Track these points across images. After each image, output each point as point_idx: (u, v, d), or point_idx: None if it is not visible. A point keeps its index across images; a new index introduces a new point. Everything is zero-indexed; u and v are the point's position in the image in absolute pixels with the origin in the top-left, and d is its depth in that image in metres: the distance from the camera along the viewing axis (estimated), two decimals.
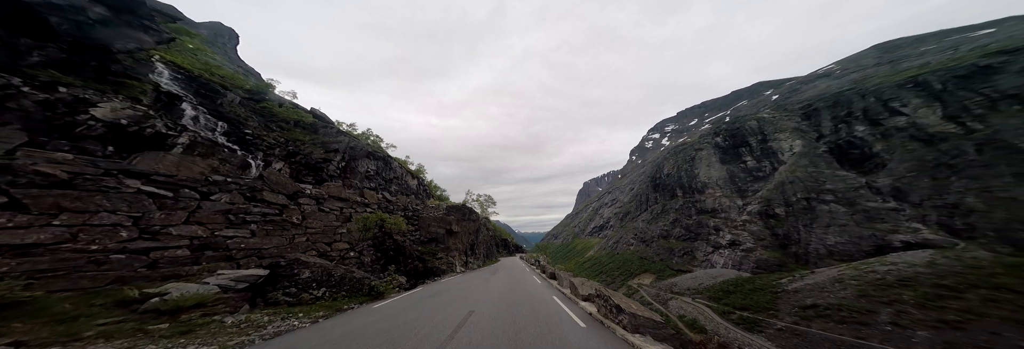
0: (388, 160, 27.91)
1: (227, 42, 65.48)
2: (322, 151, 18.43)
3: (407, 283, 14.43)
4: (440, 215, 23.83)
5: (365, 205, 16.38)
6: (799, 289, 41.92)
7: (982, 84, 48.85)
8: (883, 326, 31.69)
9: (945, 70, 54.75)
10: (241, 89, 17.50)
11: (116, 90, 10.65)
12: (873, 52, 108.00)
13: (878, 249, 43.77)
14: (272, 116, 17.58)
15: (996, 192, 38.96)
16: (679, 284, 59.87)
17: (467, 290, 12.86)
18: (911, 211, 45.18)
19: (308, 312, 8.20)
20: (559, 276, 15.38)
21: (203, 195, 9.10)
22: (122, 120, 8.35)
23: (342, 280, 10.60)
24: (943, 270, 34.65)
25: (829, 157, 62.53)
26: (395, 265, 15.39)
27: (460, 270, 23.54)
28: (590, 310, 8.85)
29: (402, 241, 17.16)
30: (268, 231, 10.76)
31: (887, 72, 76.09)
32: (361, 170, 21.89)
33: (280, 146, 15.40)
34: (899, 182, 48.38)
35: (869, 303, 34.65)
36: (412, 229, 20.21)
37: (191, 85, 14.44)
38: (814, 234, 51.72)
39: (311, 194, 13.16)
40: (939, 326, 29.28)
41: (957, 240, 38.79)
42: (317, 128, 20.11)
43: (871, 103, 61.33)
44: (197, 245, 8.62)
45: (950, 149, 45.60)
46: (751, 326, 39.71)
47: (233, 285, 8.00)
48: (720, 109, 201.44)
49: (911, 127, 52.47)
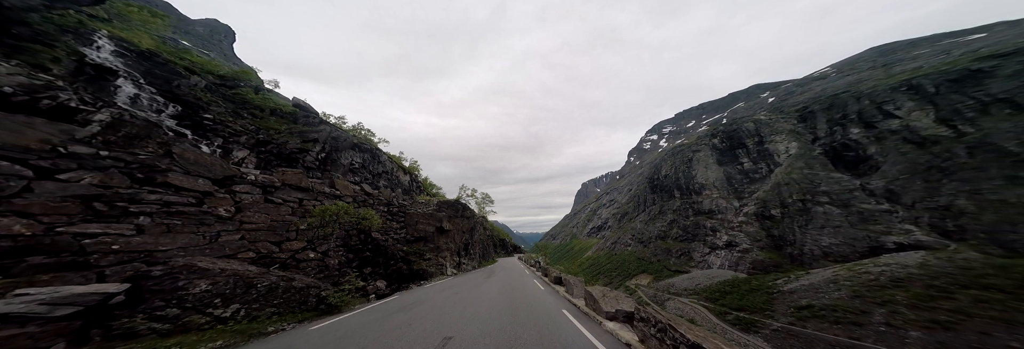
0: (376, 153, 26.44)
1: (223, 39, 65.10)
2: (299, 141, 17.02)
3: (386, 288, 12.83)
4: (430, 211, 22.11)
5: (336, 197, 14.11)
6: (795, 290, 42.40)
7: (974, 88, 49.63)
8: (877, 326, 32.18)
9: (938, 74, 55.54)
10: (212, 74, 16.44)
11: (10, 54, 9.29)
12: (869, 55, 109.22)
13: (872, 250, 44.34)
14: (245, 103, 16.50)
15: (986, 194, 39.61)
16: (676, 285, 60.26)
17: (452, 300, 10.80)
18: (904, 213, 45.82)
19: (192, 345, 5.87)
20: (567, 282, 12.85)
21: (43, 172, 6.56)
22: (5, 87, 6.65)
23: (271, 292, 8.30)
24: (935, 271, 35.20)
25: (824, 159, 63.20)
26: (372, 268, 13.79)
27: (451, 272, 21.90)
28: (626, 338, 6.11)
29: (383, 240, 15.61)
30: (171, 227, 8.28)
31: (881, 75, 77.01)
32: (344, 162, 20.60)
33: (247, 134, 14.29)
34: (892, 184, 49.04)
35: (863, 304, 35.16)
36: (397, 227, 18.83)
37: (142, 64, 13.29)
38: (809, 235, 52.29)
39: (255, 181, 10.86)
40: (931, 326, 29.78)
41: (948, 241, 39.41)
42: (297, 118, 18.99)
43: (866, 106, 62.08)
44: (6, 248, 5.91)
45: (942, 152, 46.28)
46: (747, 327, 40.14)
47: (45, 312, 5.26)
48: (717, 111, 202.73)
49: (904, 130, 53.18)
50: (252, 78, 19.49)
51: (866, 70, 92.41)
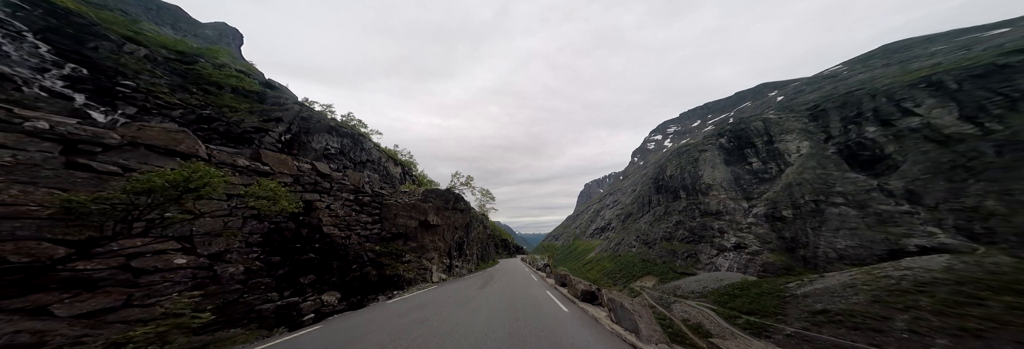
0: (359, 139, 23.20)
1: (231, 42, 65.35)
2: (258, 120, 14.66)
3: (339, 303, 9.61)
4: (413, 202, 18.19)
5: (263, 174, 9.91)
6: (808, 294, 40.46)
7: (1000, 83, 47.20)
8: (899, 333, 30.21)
9: (960, 69, 53.08)
10: (166, 48, 14.91)
11: None
12: (882, 52, 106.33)
13: (891, 253, 42.16)
14: (200, 79, 14.64)
15: (1017, 195, 37.35)
16: (682, 287, 58.33)
17: (413, 333, 6.85)
18: (926, 214, 43.55)
19: None
20: (613, 304, 7.66)
21: None
22: None
23: None
24: (962, 276, 33.08)
25: (838, 159, 60.93)
26: (318, 275, 10.16)
27: (439, 278, 17.95)
28: None
29: (342, 237, 11.82)
30: None
31: (897, 72, 74.42)
32: (315, 146, 18.04)
33: (185, 108, 12.20)
34: (913, 185, 46.75)
35: (883, 309, 33.18)
36: (369, 220, 15.34)
37: (49, 20, 11.30)
38: (823, 237, 50.13)
39: (49, 130, 6.08)
40: (959, 334, 27.79)
41: (976, 245, 37.19)
42: (265, 97, 16.90)
43: (882, 103, 59.72)
44: None
45: (967, 150, 43.94)
46: (758, 331, 38.30)
47: None
48: (723, 110, 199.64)
49: (925, 127, 50.83)
50: (221, 56, 17.82)
51: (880, 67, 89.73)
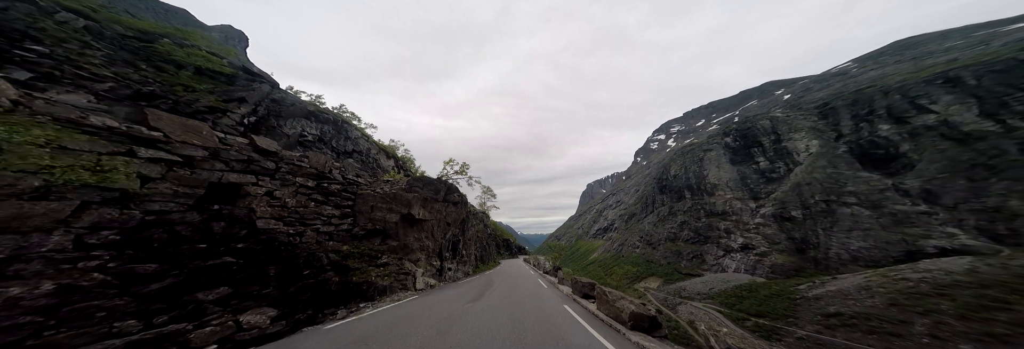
0: (343, 126, 20.51)
1: (237, 44, 65.57)
2: (216, 99, 12.97)
3: (275, 324, 6.99)
4: (394, 191, 14.49)
5: (146, 142, 5.94)
6: (820, 296, 39.01)
7: (1023, 79, 45.41)
8: (919, 338, 28.76)
9: (979, 65, 51.24)
10: (120, 24, 13.67)
11: None
12: (893, 49, 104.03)
13: (908, 255, 40.54)
14: (155, 55, 13.29)
15: None
16: (688, 288, 56.91)
17: None
18: (945, 215, 41.86)
19: None
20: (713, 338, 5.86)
21: None
22: None
23: None
24: (987, 278, 31.47)
25: (850, 157, 59.19)
26: (238, 288, 7.05)
27: (425, 284, 14.46)
28: None
29: (287, 233, 8.85)
30: None
31: (910, 68, 72.41)
32: (289, 131, 16.10)
33: (116, 81, 10.55)
34: (930, 184, 45.06)
35: (901, 313, 31.70)
36: (336, 213, 11.71)
37: None
38: (835, 238, 48.52)
39: None
40: (985, 339, 26.32)
41: (1000, 246, 35.53)
42: (236, 80, 15.22)
43: (896, 100, 57.89)
44: None
45: (988, 148, 42.21)
46: (768, 334, 36.94)
47: None
48: (728, 109, 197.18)
49: (942, 125, 49.05)
50: (193, 38, 16.33)
51: (892, 64, 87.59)
